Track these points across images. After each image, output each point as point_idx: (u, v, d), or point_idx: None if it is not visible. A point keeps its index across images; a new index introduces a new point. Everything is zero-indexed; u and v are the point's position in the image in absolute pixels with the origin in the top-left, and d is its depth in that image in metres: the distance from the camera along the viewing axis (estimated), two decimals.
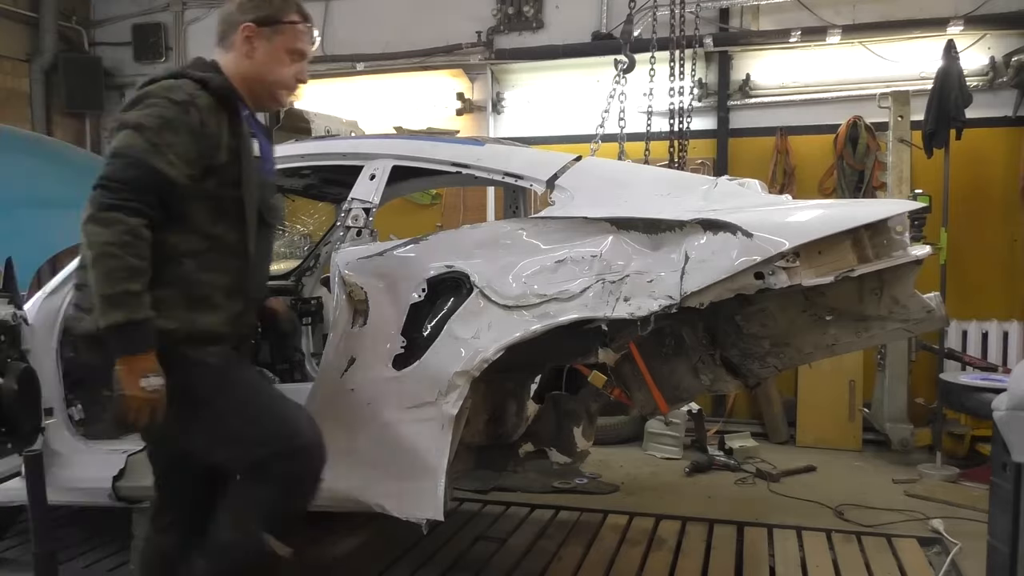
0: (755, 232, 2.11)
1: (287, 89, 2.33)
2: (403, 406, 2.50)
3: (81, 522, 3.84)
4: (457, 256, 2.52)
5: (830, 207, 2.29)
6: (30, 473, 2.50)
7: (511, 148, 3.06)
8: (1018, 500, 1.29)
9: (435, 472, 2.43)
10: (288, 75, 2.30)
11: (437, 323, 2.51)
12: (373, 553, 3.45)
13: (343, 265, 2.64)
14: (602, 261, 2.34)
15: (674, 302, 2.19)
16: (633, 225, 2.36)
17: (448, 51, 7.02)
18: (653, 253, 2.31)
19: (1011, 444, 1.30)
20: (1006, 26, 5.71)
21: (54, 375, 2.98)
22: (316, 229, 6.58)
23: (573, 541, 3.68)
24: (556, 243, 2.45)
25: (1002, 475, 1.32)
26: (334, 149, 3.15)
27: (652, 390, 2.54)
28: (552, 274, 2.39)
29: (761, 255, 2.09)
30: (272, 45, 2.26)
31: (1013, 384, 1.34)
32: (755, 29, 6.37)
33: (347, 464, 2.54)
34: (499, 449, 2.91)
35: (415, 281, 2.54)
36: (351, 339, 2.60)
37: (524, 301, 2.39)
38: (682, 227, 2.26)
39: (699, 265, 2.18)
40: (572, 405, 2.78)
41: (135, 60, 8.17)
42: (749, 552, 3.59)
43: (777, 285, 2.09)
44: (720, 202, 2.37)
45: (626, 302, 2.27)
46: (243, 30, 2.23)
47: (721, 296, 2.17)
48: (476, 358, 2.39)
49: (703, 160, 6.43)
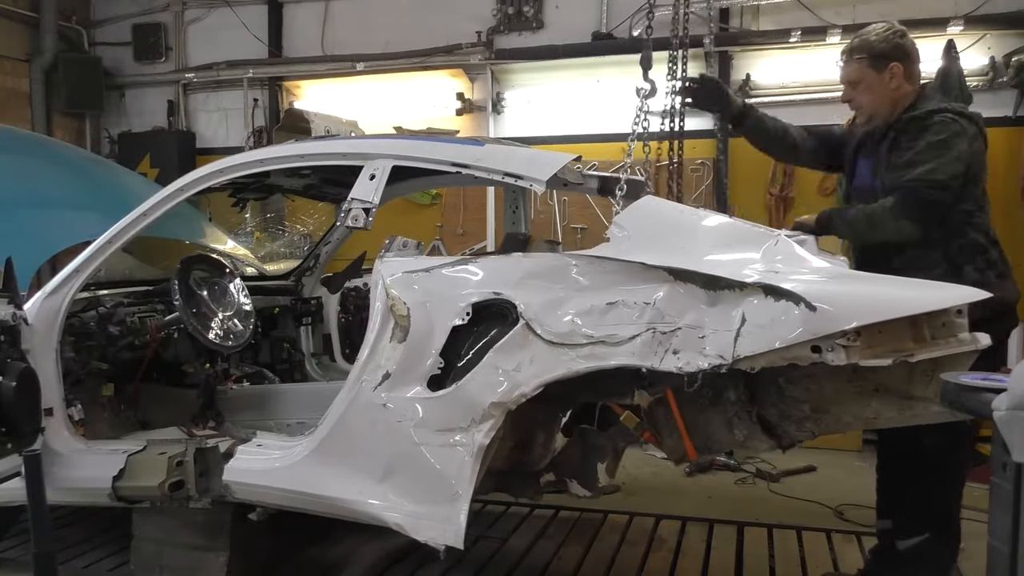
0: (819, 305, 2.03)
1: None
2: (433, 428, 2.46)
3: (81, 522, 3.84)
4: (505, 284, 2.47)
5: (893, 285, 2.20)
6: (30, 473, 2.50)
7: (511, 148, 3.06)
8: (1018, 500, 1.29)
9: (459, 500, 2.39)
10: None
11: (478, 349, 2.45)
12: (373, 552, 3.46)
13: (387, 276, 2.60)
14: (655, 309, 2.29)
15: (725, 363, 2.15)
16: (691, 278, 2.29)
17: (448, 51, 7.02)
18: (708, 309, 2.25)
19: (1011, 444, 1.30)
20: (1006, 26, 5.71)
21: (54, 375, 2.97)
22: (316, 229, 6.58)
23: (573, 541, 3.68)
24: (609, 284, 2.39)
25: (1002, 475, 1.32)
26: (334, 149, 3.15)
27: (683, 437, 2.49)
28: (602, 316, 2.34)
29: (823, 331, 2.02)
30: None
31: (1013, 384, 1.34)
32: (755, 29, 6.38)
33: (370, 478, 2.53)
34: (521, 476, 2.86)
35: (460, 303, 2.49)
36: (387, 353, 2.56)
37: (571, 340, 2.34)
38: (742, 288, 2.20)
39: (756, 329, 2.13)
40: (600, 441, 2.71)
41: (135, 60, 8.17)
42: (749, 552, 3.59)
43: (834, 362, 2.03)
44: (781, 262, 2.30)
45: (675, 355, 2.23)
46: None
47: (773, 363, 2.12)
48: (515, 391, 2.35)
49: (703, 160, 6.44)
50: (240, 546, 3.02)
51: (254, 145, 7.52)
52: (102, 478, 2.86)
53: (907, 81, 2.87)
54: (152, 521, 3.08)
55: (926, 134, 2.74)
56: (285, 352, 4.32)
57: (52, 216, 4.43)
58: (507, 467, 2.77)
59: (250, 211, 6.43)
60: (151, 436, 3.16)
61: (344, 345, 4.51)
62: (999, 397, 1.38)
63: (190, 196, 3.16)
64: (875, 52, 2.86)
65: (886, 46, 2.86)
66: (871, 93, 2.90)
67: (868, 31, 2.93)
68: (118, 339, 3.36)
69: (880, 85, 2.87)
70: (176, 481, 2.76)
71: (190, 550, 3.02)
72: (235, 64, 7.73)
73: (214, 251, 4.39)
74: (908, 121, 2.81)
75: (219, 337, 3.46)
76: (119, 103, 8.28)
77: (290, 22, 7.74)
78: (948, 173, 2.69)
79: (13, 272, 2.89)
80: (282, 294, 4.43)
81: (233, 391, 3.72)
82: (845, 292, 2.13)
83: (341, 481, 2.60)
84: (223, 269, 3.75)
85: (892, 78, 2.85)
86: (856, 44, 2.92)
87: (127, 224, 3.09)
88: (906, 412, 2.30)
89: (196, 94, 8.08)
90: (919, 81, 2.94)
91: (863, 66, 2.89)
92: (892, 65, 2.84)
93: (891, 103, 2.88)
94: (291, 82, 7.74)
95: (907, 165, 2.74)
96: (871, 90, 2.89)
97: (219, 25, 7.89)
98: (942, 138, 2.71)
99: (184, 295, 3.36)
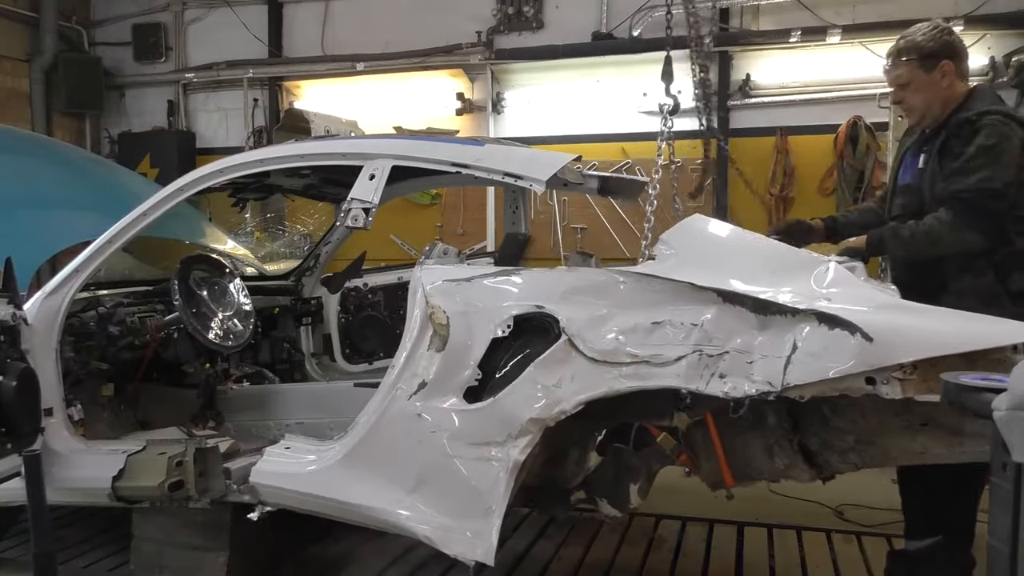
0: (876, 337, 1.98)
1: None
2: (468, 441, 2.42)
3: (81, 522, 3.84)
4: (548, 298, 2.42)
5: (950, 318, 2.15)
6: (30, 473, 2.49)
7: (510, 148, 3.05)
8: (1018, 500, 1.29)
9: (491, 515, 2.36)
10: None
11: (517, 363, 2.41)
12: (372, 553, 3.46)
13: (428, 284, 2.55)
14: (702, 331, 2.23)
15: (773, 390, 2.10)
16: (741, 301, 2.23)
17: (448, 51, 7.02)
18: (758, 333, 2.19)
19: (1011, 444, 1.29)
20: (1006, 26, 5.71)
21: (54, 375, 2.97)
22: (316, 229, 6.59)
23: (573, 541, 3.67)
24: (656, 303, 2.33)
25: (1002, 475, 1.32)
26: (334, 149, 3.15)
27: (721, 462, 2.45)
28: (647, 335, 2.29)
29: (880, 363, 1.98)
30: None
31: (1013, 384, 1.34)
32: (755, 29, 6.38)
33: (400, 488, 2.51)
34: (551, 492, 2.79)
35: (501, 315, 2.44)
36: (424, 361, 2.52)
37: (614, 358, 2.29)
38: (795, 314, 2.14)
39: (807, 358, 2.07)
40: (634, 461, 2.64)
41: (135, 60, 8.18)
42: (749, 552, 3.59)
43: (889, 395, 1.99)
44: (832, 289, 2.24)
45: (721, 379, 2.18)
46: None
47: (823, 393, 2.09)
48: (555, 408, 2.31)
49: (703, 160, 6.44)
50: (240, 546, 3.02)
51: (254, 145, 7.53)
52: (102, 478, 2.86)
53: (958, 79, 2.81)
54: (152, 521, 3.08)
55: (977, 138, 2.67)
56: (285, 352, 4.32)
57: (52, 216, 4.43)
58: (538, 482, 2.72)
59: (250, 211, 6.43)
60: (151, 436, 3.16)
61: (344, 345, 4.51)
62: (999, 397, 1.38)
63: (190, 196, 3.16)
64: (924, 52, 2.79)
65: (935, 45, 2.79)
66: (922, 93, 2.83)
67: (914, 31, 2.86)
68: (118, 339, 3.36)
69: (931, 85, 2.80)
70: (176, 481, 2.76)
71: (190, 550, 3.02)
72: (235, 64, 7.74)
73: (214, 251, 4.39)
74: (959, 123, 2.74)
75: (219, 337, 3.46)
76: (119, 103, 8.29)
77: (290, 22, 7.74)
78: (1003, 180, 2.62)
79: (13, 272, 2.89)
80: (282, 294, 4.43)
81: (233, 391, 3.72)
82: (902, 324, 2.07)
83: (371, 490, 2.57)
84: (223, 269, 3.75)
85: (943, 77, 2.78)
86: (903, 45, 2.84)
87: (127, 224, 3.09)
88: (955, 448, 2.25)
89: (196, 94, 8.09)
90: (968, 79, 2.89)
91: (912, 67, 2.81)
92: (943, 63, 2.78)
93: (942, 102, 2.82)
94: (291, 82, 7.74)
95: (959, 172, 2.67)
96: (922, 90, 2.82)
97: (219, 25, 7.89)
98: (993, 143, 2.64)
99: (184, 295, 3.36)
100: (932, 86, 2.81)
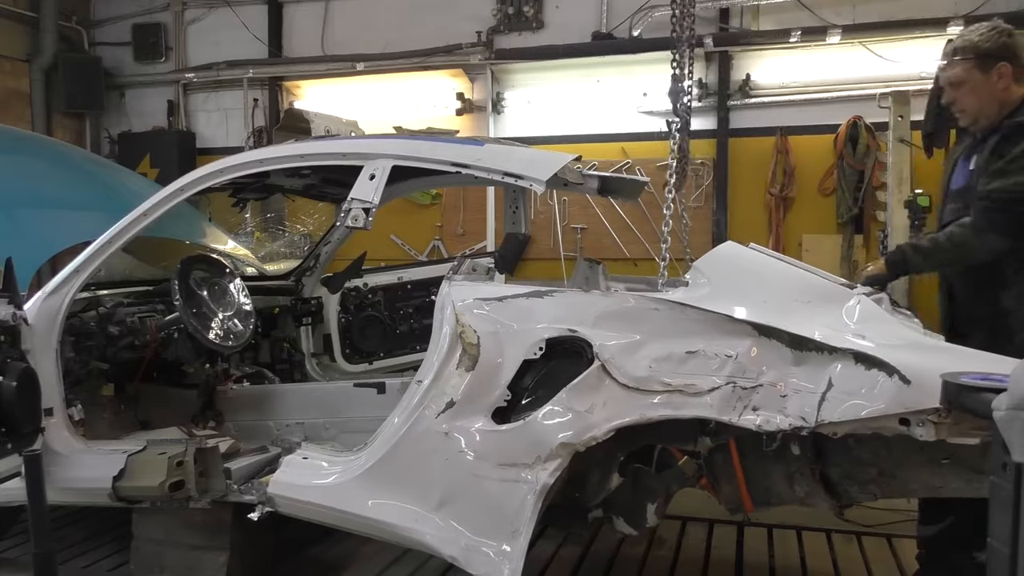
0: (914, 379, 1.99)
1: None
2: (496, 462, 2.41)
3: (81, 522, 3.84)
4: (581, 322, 2.41)
5: (985, 362, 2.11)
6: (30, 473, 2.50)
7: (510, 148, 3.05)
8: (1018, 500, 1.28)
9: (518, 536, 2.36)
10: None
11: (548, 386, 2.40)
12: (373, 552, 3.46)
13: (458, 301, 2.53)
14: (736, 363, 2.25)
15: (807, 426, 2.11)
16: (777, 335, 2.24)
17: (448, 51, 7.02)
18: (793, 368, 2.21)
19: (1011, 444, 1.29)
20: None
21: (54, 375, 2.97)
22: (316, 229, 6.59)
23: (573, 541, 3.67)
24: (690, 333, 2.34)
25: (1002, 475, 1.32)
26: (334, 149, 3.15)
27: (741, 488, 2.47)
28: (681, 364, 2.30)
29: (916, 405, 1.98)
30: None
31: (1013, 384, 1.34)
32: (755, 29, 6.38)
33: (424, 506, 2.49)
34: (569, 511, 2.77)
35: (533, 337, 2.43)
36: (453, 380, 2.49)
37: (647, 385, 2.29)
38: (832, 352, 2.15)
39: (842, 396, 2.09)
40: (655, 483, 2.62)
41: (135, 60, 8.18)
42: (749, 552, 3.59)
43: (923, 437, 2.00)
44: (864, 326, 2.26)
45: (754, 412, 2.19)
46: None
47: (857, 431, 2.10)
48: (586, 433, 2.31)
49: (703, 160, 6.44)
50: (240, 546, 3.02)
51: (254, 145, 7.53)
52: (102, 478, 2.85)
53: (1015, 82, 2.75)
54: (152, 521, 3.08)
55: (1022, 143, 2.63)
56: (285, 352, 4.32)
57: (52, 216, 4.43)
58: (556, 500, 2.70)
59: (250, 211, 6.44)
60: (151, 436, 3.15)
61: (344, 345, 4.51)
62: (999, 397, 1.38)
63: (190, 196, 3.16)
64: (981, 52, 2.73)
65: (992, 45, 2.73)
66: (976, 95, 2.77)
67: (971, 31, 2.82)
68: (118, 339, 3.35)
69: (986, 86, 2.74)
70: (176, 481, 2.76)
71: (190, 550, 3.02)
72: (235, 64, 7.74)
73: (214, 251, 4.38)
74: (1013, 127, 2.69)
75: (219, 337, 3.46)
76: (119, 103, 8.29)
77: (290, 22, 7.75)
78: None
79: (13, 272, 2.89)
80: (282, 294, 4.43)
81: (233, 391, 3.72)
82: (939, 367, 2.03)
83: (394, 506, 2.55)
84: (223, 269, 3.75)
85: (1000, 79, 2.73)
86: (960, 45, 2.79)
87: (127, 224, 3.09)
88: (974, 484, 2.26)
89: (196, 94, 8.09)
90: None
91: (968, 67, 2.75)
92: (1000, 65, 2.72)
93: (998, 105, 2.76)
94: (291, 82, 7.74)
95: (999, 173, 2.63)
96: (976, 92, 2.76)
97: (219, 25, 7.90)
98: None
99: (184, 295, 3.36)
100: (987, 88, 2.74)
